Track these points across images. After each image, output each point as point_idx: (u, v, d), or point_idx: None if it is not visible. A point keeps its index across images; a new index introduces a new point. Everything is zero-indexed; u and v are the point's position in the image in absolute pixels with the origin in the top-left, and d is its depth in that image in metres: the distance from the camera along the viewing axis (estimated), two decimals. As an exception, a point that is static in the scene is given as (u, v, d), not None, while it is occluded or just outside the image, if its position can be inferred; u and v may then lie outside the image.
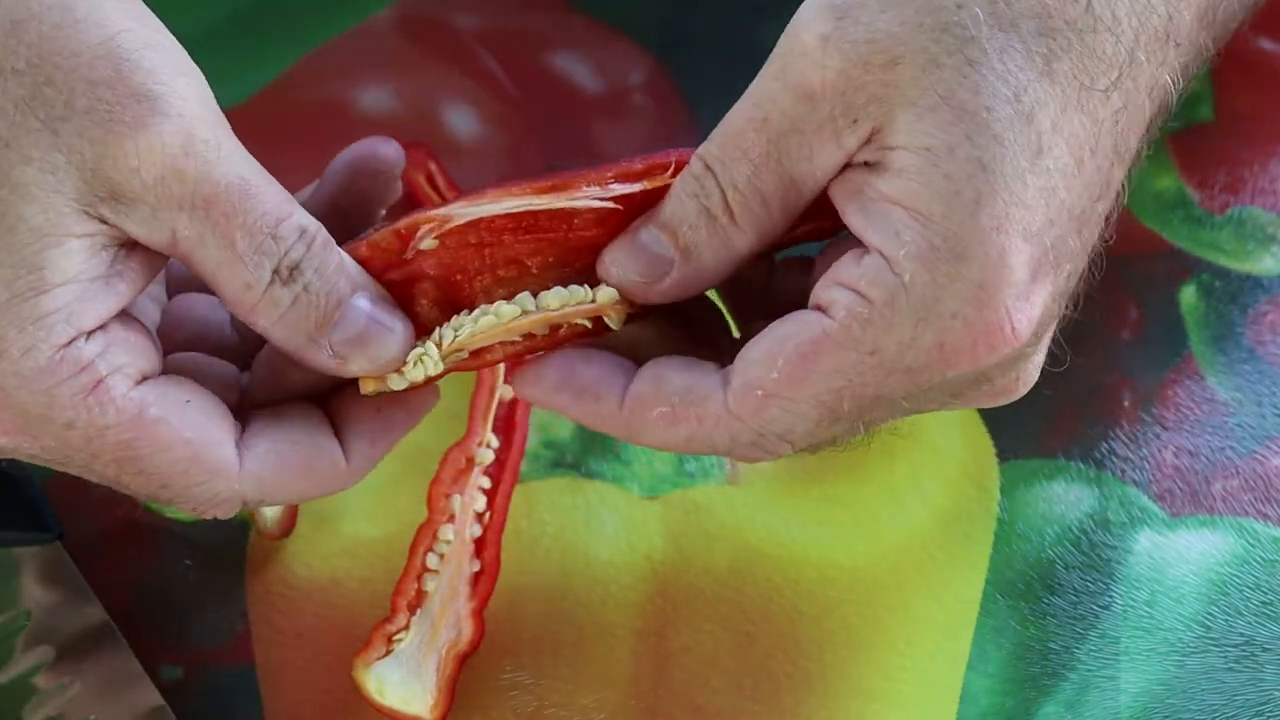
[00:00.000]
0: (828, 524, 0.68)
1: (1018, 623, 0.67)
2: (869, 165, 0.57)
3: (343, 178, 0.63)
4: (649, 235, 0.59)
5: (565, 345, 0.60)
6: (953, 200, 0.56)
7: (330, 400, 0.61)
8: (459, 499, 0.66)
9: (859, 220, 0.57)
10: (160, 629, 0.66)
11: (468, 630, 0.65)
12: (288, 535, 0.68)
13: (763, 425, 0.58)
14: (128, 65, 0.56)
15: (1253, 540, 0.68)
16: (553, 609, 0.67)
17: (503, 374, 0.70)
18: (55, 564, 0.67)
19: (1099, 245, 0.60)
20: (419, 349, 0.59)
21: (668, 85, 0.78)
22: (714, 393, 0.59)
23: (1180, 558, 0.68)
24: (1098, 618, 0.67)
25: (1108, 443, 0.70)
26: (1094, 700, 0.65)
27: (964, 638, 0.67)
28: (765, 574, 0.68)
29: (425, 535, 0.65)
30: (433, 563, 0.65)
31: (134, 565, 0.67)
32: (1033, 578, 0.68)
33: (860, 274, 0.57)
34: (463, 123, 0.78)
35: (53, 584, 0.67)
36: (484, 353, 0.60)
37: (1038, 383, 0.65)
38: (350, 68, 0.79)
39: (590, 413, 0.60)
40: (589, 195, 0.59)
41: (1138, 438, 0.70)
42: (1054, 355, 0.61)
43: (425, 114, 0.78)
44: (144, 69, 0.56)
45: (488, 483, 0.67)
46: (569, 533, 0.68)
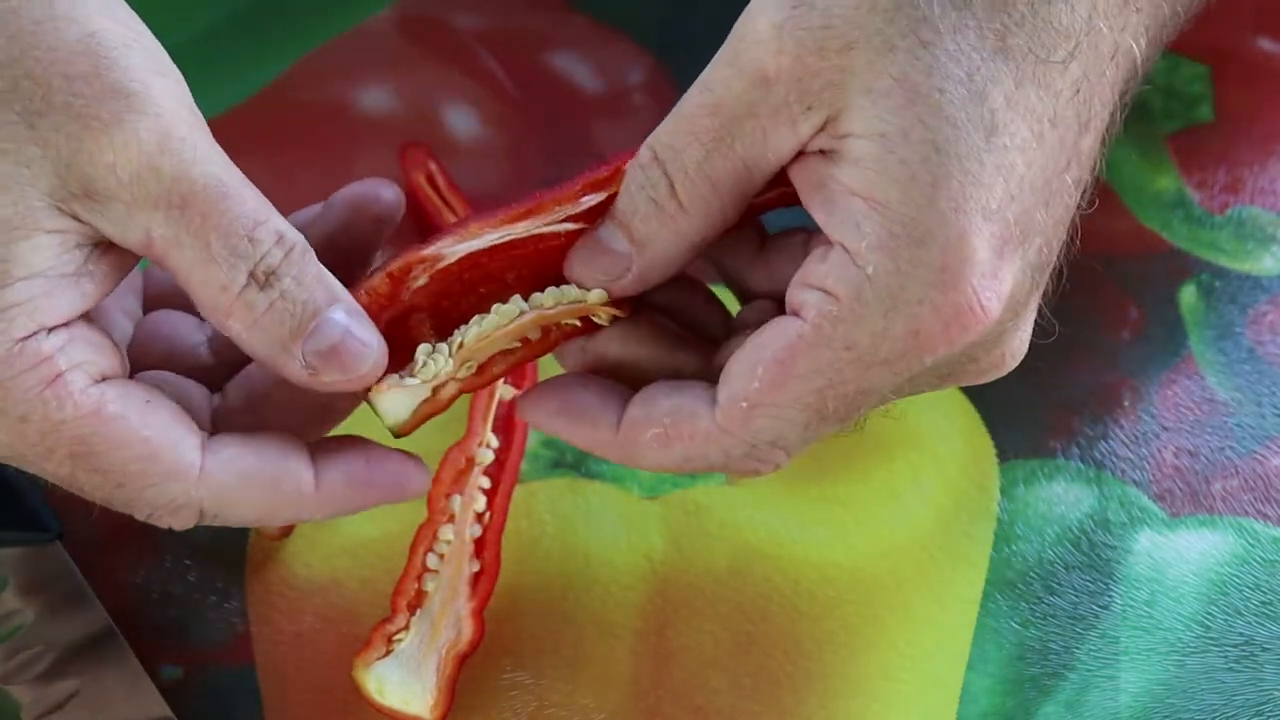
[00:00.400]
0: (827, 524, 0.68)
1: (1018, 623, 0.67)
2: (825, 154, 0.57)
3: (343, 215, 0.62)
4: (606, 232, 0.60)
5: (559, 347, 0.61)
6: (908, 185, 0.56)
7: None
8: (459, 499, 0.66)
9: (822, 215, 0.57)
10: (160, 629, 0.66)
11: (467, 630, 0.65)
12: (288, 535, 0.68)
13: (753, 436, 0.59)
14: (106, 62, 0.56)
15: (1252, 540, 0.68)
16: (553, 609, 0.67)
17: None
18: (51, 565, 0.67)
19: (1077, 213, 0.60)
20: (427, 348, 0.59)
21: (668, 85, 0.78)
22: (702, 409, 0.59)
23: (1180, 558, 0.68)
24: (1098, 618, 0.67)
25: (1108, 443, 0.70)
26: (1094, 700, 0.65)
27: (964, 638, 0.67)
28: (765, 574, 0.68)
29: (425, 535, 0.65)
30: (433, 563, 0.65)
31: (134, 565, 0.67)
32: (1033, 578, 0.68)
33: (826, 271, 0.57)
34: (463, 123, 0.78)
35: (48, 589, 0.67)
36: (488, 366, 0.60)
37: (1038, 383, 0.65)
38: (350, 68, 0.79)
39: (586, 437, 0.61)
40: (562, 214, 0.60)
41: (1138, 438, 0.70)
42: (1043, 328, 0.61)
43: (425, 114, 0.78)
44: (122, 66, 0.56)
45: (488, 483, 0.67)
46: (569, 533, 0.68)
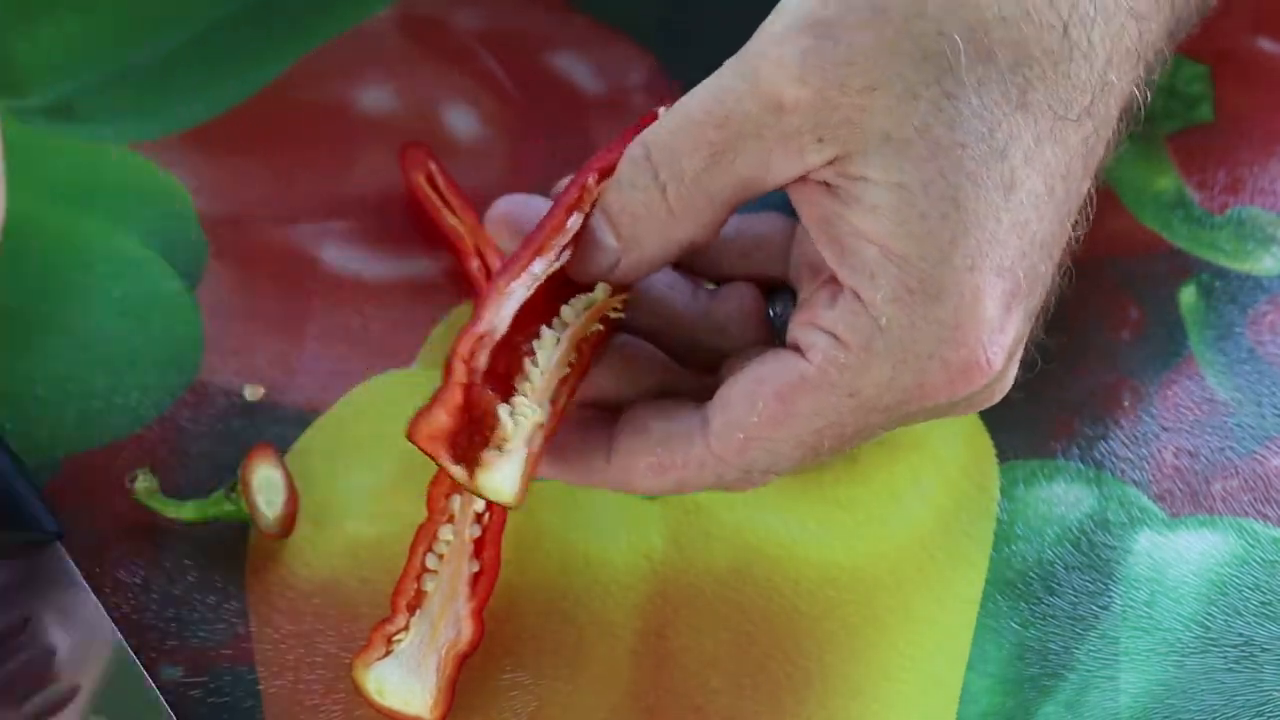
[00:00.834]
0: (828, 524, 0.68)
1: (1018, 623, 0.67)
2: (830, 188, 0.57)
3: None
4: (597, 226, 0.60)
5: (597, 354, 0.62)
6: (927, 240, 0.56)
7: None
8: (459, 499, 0.66)
9: (832, 254, 0.57)
10: (160, 629, 0.66)
11: (467, 630, 0.65)
12: (288, 535, 0.68)
13: (747, 464, 0.59)
14: None
15: (1252, 540, 0.68)
16: (553, 609, 0.67)
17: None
18: (51, 565, 0.67)
19: (1070, 254, 0.60)
20: (506, 409, 0.59)
21: (668, 85, 0.78)
22: (695, 435, 0.60)
23: (1180, 558, 0.68)
24: (1097, 618, 0.67)
25: (1107, 443, 0.70)
26: (1094, 701, 0.65)
27: (964, 638, 0.67)
28: (765, 574, 0.68)
29: (425, 535, 0.65)
30: (432, 563, 0.65)
31: (134, 565, 0.67)
32: (1032, 578, 0.68)
33: (837, 318, 0.57)
34: (463, 123, 0.78)
35: (48, 589, 0.67)
36: (555, 401, 0.61)
37: (1037, 383, 0.65)
38: (350, 68, 0.79)
39: (581, 475, 0.62)
40: (561, 244, 0.61)
41: (1138, 438, 0.70)
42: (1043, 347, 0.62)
43: (425, 114, 0.78)
44: None
45: (488, 483, 0.67)
46: (569, 533, 0.68)
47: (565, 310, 0.61)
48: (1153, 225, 0.75)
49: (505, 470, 0.59)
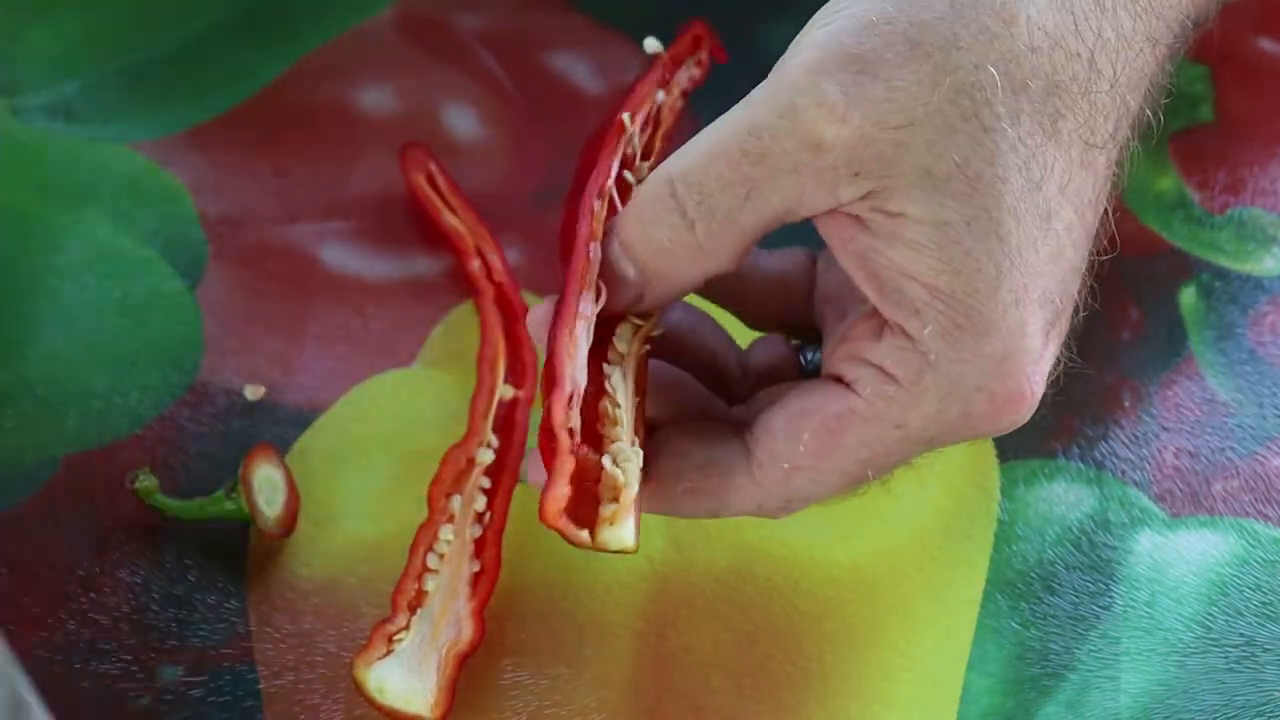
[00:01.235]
0: (828, 524, 0.68)
1: (1018, 623, 0.67)
2: (862, 221, 0.57)
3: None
4: (618, 260, 0.59)
5: (649, 376, 0.61)
6: (974, 277, 0.56)
7: None
8: (459, 499, 0.66)
9: (872, 289, 0.57)
10: (160, 629, 0.66)
11: (468, 630, 0.65)
12: (288, 535, 0.68)
13: (789, 494, 0.60)
14: None
15: (1253, 541, 0.68)
16: (553, 609, 0.67)
17: (502, 374, 0.70)
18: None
19: (1093, 274, 0.61)
20: (606, 459, 0.58)
21: (668, 85, 0.78)
22: (738, 464, 0.60)
23: (1180, 558, 0.68)
24: (1098, 618, 0.67)
25: (1108, 443, 0.70)
26: (1094, 701, 0.65)
27: (964, 638, 0.67)
28: (765, 574, 0.68)
29: (425, 535, 0.65)
30: (433, 563, 0.65)
31: (134, 565, 0.67)
32: (1033, 578, 0.68)
33: (885, 352, 0.57)
34: (463, 123, 0.78)
35: None
36: (637, 432, 0.60)
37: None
38: (350, 68, 0.79)
39: None
40: (593, 287, 0.60)
41: (1138, 438, 0.70)
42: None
43: (425, 114, 0.78)
44: None
45: (488, 483, 0.67)
46: (569, 533, 0.68)
47: (618, 343, 0.60)
48: (1153, 225, 0.75)
49: (623, 522, 0.58)
